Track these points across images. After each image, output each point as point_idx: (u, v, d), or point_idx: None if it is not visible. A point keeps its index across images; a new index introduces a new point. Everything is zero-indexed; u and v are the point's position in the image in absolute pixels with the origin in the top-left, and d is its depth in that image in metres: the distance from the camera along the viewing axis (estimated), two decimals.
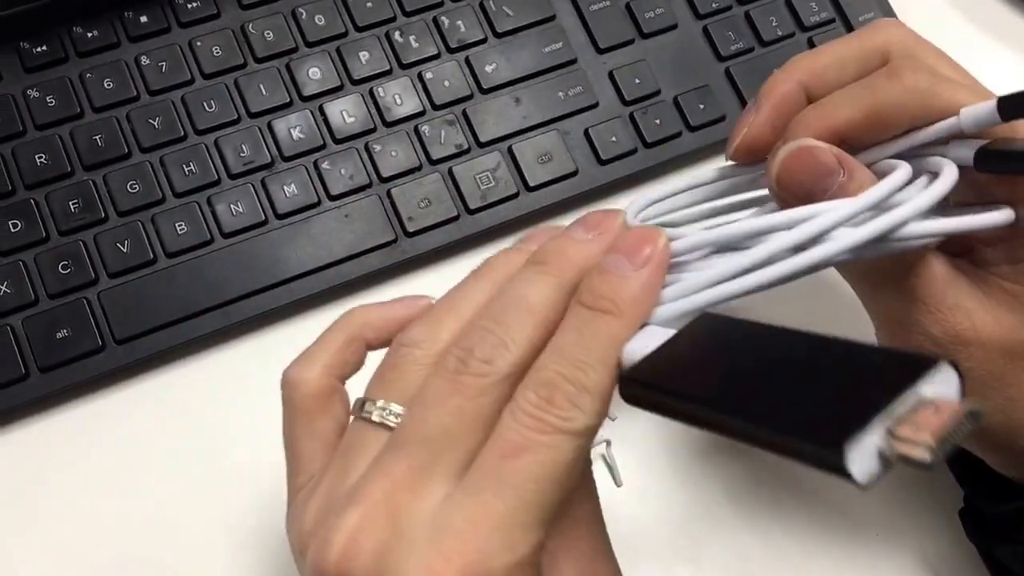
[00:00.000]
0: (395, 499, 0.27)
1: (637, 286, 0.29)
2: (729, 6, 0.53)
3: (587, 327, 0.29)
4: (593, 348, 0.28)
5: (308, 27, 0.49)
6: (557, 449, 0.27)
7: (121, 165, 0.46)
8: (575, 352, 0.28)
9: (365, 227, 0.47)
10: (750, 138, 0.37)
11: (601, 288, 0.29)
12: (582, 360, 0.28)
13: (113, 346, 0.44)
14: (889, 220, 0.29)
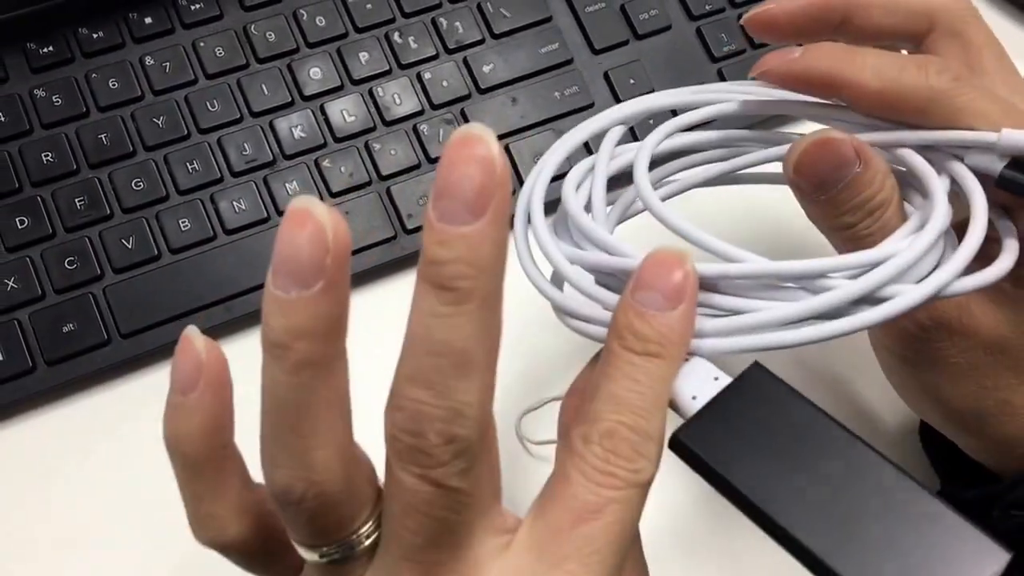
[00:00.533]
0: None
1: (679, 325, 0.28)
2: (722, 8, 0.54)
3: (640, 373, 0.27)
4: (648, 393, 0.27)
5: (309, 28, 0.50)
6: (630, 503, 0.26)
7: (126, 163, 0.47)
8: (633, 399, 0.27)
9: (365, 224, 0.47)
10: (771, 15, 0.37)
11: (645, 331, 0.28)
12: (641, 407, 0.27)
13: (119, 340, 0.45)
14: (940, 279, 0.29)
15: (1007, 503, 0.36)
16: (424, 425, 0.25)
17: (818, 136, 0.33)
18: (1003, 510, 0.37)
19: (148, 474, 0.44)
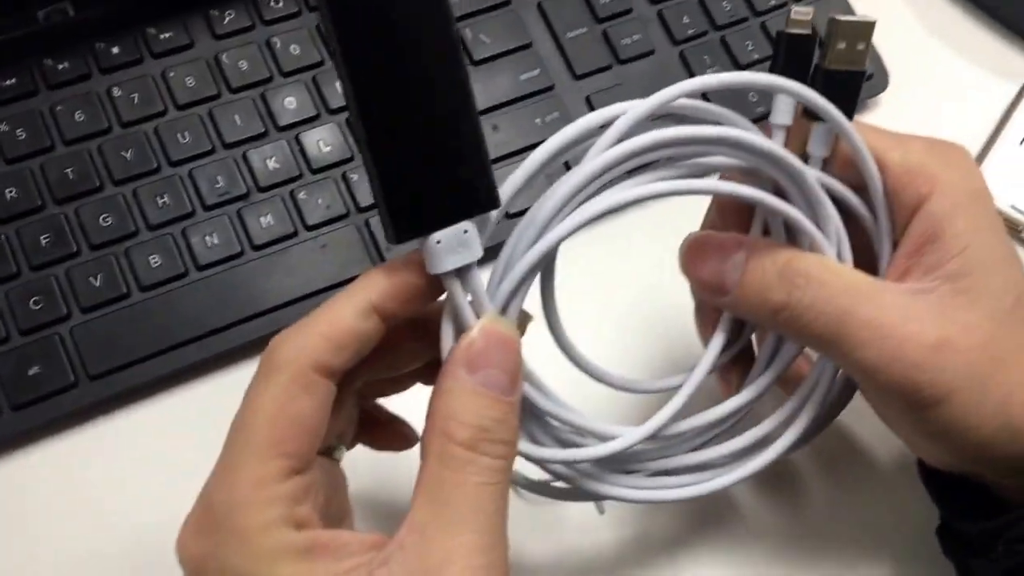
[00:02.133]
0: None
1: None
2: (705, 31, 0.53)
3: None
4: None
5: (283, 56, 0.49)
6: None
7: (93, 198, 0.46)
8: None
9: (343, 257, 0.46)
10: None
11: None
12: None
13: (87, 382, 0.44)
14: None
15: (1011, 538, 0.36)
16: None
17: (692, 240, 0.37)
18: (1008, 545, 0.36)
19: (120, 518, 0.43)
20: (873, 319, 0.34)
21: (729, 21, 0.53)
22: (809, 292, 0.34)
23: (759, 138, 0.33)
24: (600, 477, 0.37)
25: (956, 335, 0.33)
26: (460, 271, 0.31)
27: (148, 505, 0.43)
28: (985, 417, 0.34)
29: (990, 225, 0.35)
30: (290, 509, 0.30)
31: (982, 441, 0.35)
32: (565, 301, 0.36)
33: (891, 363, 0.33)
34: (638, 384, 0.38)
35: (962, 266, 0.34)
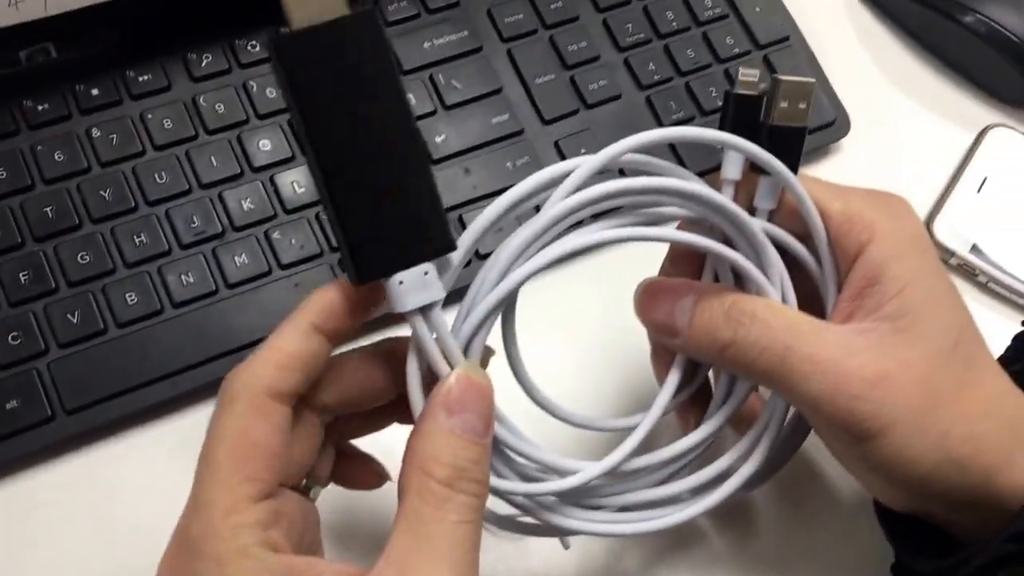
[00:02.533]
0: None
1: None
2: (670, 77, 0.55)
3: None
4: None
5: (259, 99, 0.50)
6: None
7: (72, 236, 0.47)
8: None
9: None
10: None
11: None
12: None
13: (63, 416, 0.44)
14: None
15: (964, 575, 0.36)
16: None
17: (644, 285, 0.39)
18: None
19: (95, 551, 0.44)
20: (815, 354, 0.35)
21: (693, 68, 0.55)
22: (754, 330, 0.36)
23: (705, 189, 0.34)
24: (563, 511, 0.38)
25: (895, 370, 0.35)
26: (424, 310, 0.32)
27: (123, 538, 0.44)
28: (925, 450, 0.35)
29: (928, 269, 0.37)
30: (263, 533, 0.31)
31: (924, 475, 0.36)
32: (531, 340, 0.37)
33: (833, 396, 0.35)
34: (597, 422, 0.40)
35: (899, 307, 0.36)
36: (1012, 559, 0.35)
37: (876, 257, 0.36)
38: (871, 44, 0.61)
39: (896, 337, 0.36)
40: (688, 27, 0.56)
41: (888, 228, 0.36)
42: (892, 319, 0.36)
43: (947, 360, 0.36)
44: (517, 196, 0.34)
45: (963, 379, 0.36)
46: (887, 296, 0.36)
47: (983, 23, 0.57)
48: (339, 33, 0.30)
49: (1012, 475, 0.36)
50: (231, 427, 0.32)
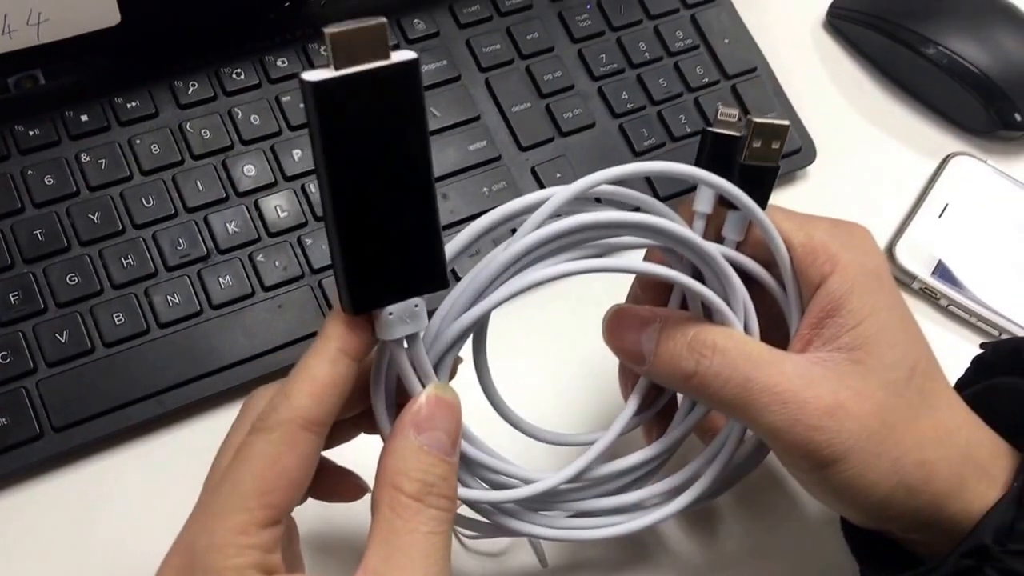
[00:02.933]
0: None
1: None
2: (643, 106, 0.56)
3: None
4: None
5: (244, 126, 0.52)
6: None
7: (61, 258, 0.48)
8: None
9: (297, 317, 0.49)
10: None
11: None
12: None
13: (51, 434, 0.45)
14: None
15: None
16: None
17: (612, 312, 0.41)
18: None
19: (81, 566, 0.44)
20: (775, 385, 0.37)
21: (665, 97, 0.57)
22: (715, 361, 0.37)
23: (669, 224, 0.36)
24: (527, 518, 0.40)
25: (849, 401, 0.37)
26: (407, 338, 0.34)
27: (110, 552, 0.45)
28: (880, 476, 0.37)
29: (886, 303, 0.38)
30: (264, 557, 0.32)
31: (880, 499, 0.37)
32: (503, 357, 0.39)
33: (792, 425, 0.36)
34: (562, 438, 0.42)
35: (855, 339, 0.37)
36: (968, 573, 0.37)
37: (836, 289, 0.38)
38: (837, 74, 0.63)
39: (852, 368, 0.37)
40: (660, 57, 0.58)
41: (849, 260, 0.38)
42: (848, 350, 0.37)
43: (901, 391, 0.37)
44: (490, 223, 0.36)
45: (917, 409, 0.38)
46: (845, 328, 0.37)
47: (945, 55, 0.59)
48: (378, 81, 0.30)
49: (963, 500, 0.37)
50: (263, 453, 0.33)
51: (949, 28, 0.60)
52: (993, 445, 0.39)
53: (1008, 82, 0.59)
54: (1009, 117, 0.59)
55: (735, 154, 0.37)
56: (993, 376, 0.43)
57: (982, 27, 0.60)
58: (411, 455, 0.33)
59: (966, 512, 0.37)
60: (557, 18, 0.58)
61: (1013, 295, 0.55)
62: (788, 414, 0.36)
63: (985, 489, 0.38)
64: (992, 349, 0.44)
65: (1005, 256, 0.56)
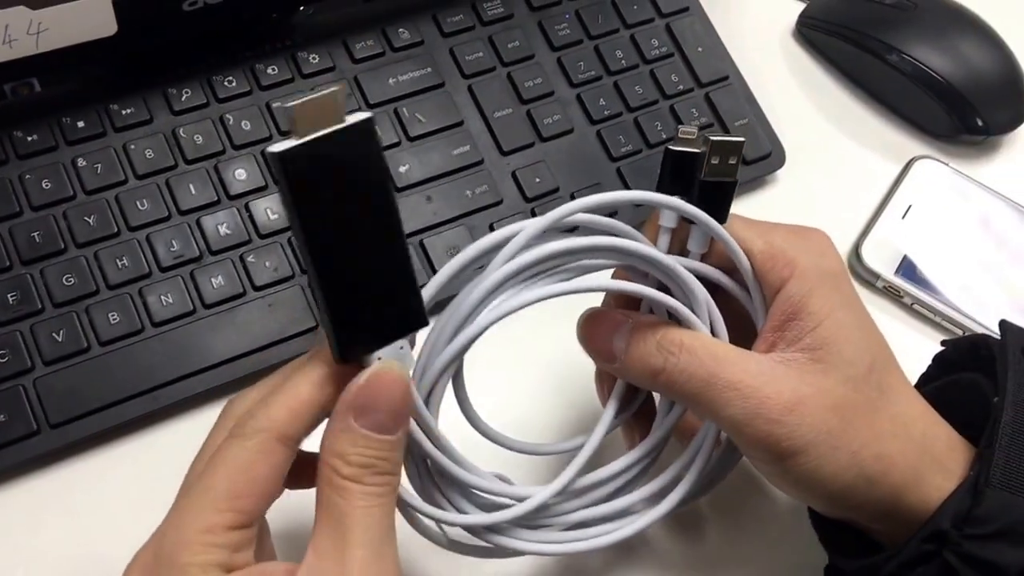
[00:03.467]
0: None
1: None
2: (620, 112, 0.58)
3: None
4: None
5: (235, 131, 0.54)
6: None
7: (57, 260, 0.49)
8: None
9: (287, 315, 0.50)
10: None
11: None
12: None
13: (48, 430, 0.47)
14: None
15: (884, 573, 0.40)
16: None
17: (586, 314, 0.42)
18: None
19: (78, 558, 0.46)
20: (737, 381, 0.39)
21: (642, 104, 0.59)
22: (683, 358, 0.39)
23: (630, 243, 0.38)
24: (522, 536, 0.41)
25: (810, 397, 0.39)
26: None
27: (104, 544, 0.45)
28: (839, 468, 0.39)
29: (843, 302, 0.40)
30: (230, 556, 0.33)
31: (840, 489, 0.39)
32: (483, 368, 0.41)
33: (753, 419, 0.38)
34: (544, 448, 0.44)
35: (815, 340, 0.39)
36: (928, 557, 0.39)
37: (795, 292, 0.40)
38: (807, 82, 0.65)
39: (812, 366, 0.39)
40: (636, 65, 0.60)
41: (807, 265, 0.40)
42: (809, 350, 0.39)
43: (859, 386, 0.39)
44: (465, 260, 0.37)
45: (875, 403, 0.40)
46: (805, 330, 0.39)
47: (910, 63, 0.62)
48: (338, 141, 0.31)
49: (920, 491, 0.39)
50: (237, 458, 0.34)
51: (914, 37, 0.62)
52: (949, 439, 0.41)
53: (970, 88, 0.61)
54: (971, 122, 0.62)
55: (696, 170, 0.39)
56: (953, 372, 0.45)
57: (945, 36, 0.62)
58: (347, 438, 0.34)
59: (924, 503, 0.39)
60: (537, 27, 0.60)
61: (974, 294, 0.57)
62: (749, 408, 0.38)
63: (942, 481, 0.39)
64: (952, 346, 0.46)
65: (966, 255, 0.58)
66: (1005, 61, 0.63)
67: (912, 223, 0.59)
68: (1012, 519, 0.38)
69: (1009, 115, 0.63)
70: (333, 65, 0.56)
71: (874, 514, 0.41)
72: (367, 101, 0.56)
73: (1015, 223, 0.60)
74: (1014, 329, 0.44)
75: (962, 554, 0.38)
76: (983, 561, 0.38)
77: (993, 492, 0.38)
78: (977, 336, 0.45)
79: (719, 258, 0.41)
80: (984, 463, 0.39)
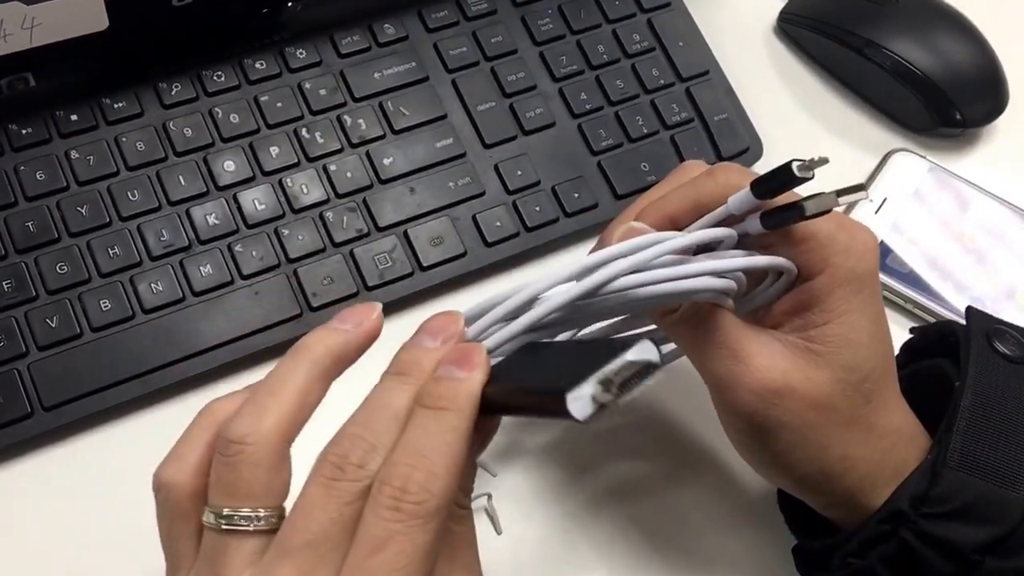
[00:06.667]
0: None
1: (468, 386, 0.33)
2: (601, 107, 0.60)
3: (431, 423, 0.32)
4: (436, 439, 0.31)
5: (224, 124, 0.55)
6: (415, 533, 0.30)
7: (51, 249, 0.51)
8: (422, 445, 0.31)
9: (274, 303, 0.52)
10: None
11: (439, 390, 0.33)
12: (429, 449, 0.31)
13: (41, 413, 0.48)
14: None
15: (844, 552, 0.41)
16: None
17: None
18: (841, 559, 0.42)
19: (69, 540, 0.47)
20: (734, 339, 0.40)
21: (622, 98, 0.60)
22: (694, 306, 0.40)
23: (695, 267, 0.37)
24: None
25: (798, 385, 0.40)
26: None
27: (98, 523, 0.47)
28: (803, 459, 0.40)
29: (860, 306, 0.40)
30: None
31: (800, 477, 0.41)
32: None
33: (737, 385, 0.40)
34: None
35: (819, 335, 0.40)
36: (887, 536, 0.40)
37: (819, 287, 0.40)
38: (786, 76, 0.66)
39: (808, 356, 0.40)
40: (618, 59, 0.61)
41: (840, 263, 0.40)
42: (810, 341, 0.40)
43: (848, 392, 0.40)
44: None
45: (858, 411, 0.40)
46: (813, 323, 0.40)
47: (888, 57, 0.63)
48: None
49: (873, 496, 0.41)
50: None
51: (892, 32, 0.63)
52: (917, 442, 0.42)
53: (948, 82, 0.62)
54: (949, 115, 0.63)
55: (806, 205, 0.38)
56: (922, 360, 0.46)
57: (924, 31, 0.63)
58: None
59: (873, 507, 0.41)
60: (520, 22, 0.61)
61: (948, 284, 0.58)
62: (736, 372, 0.40)
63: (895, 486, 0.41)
64: (921, 333, 0.47)
65: (941, 247, 0.59)
66: (983, 54, 0.64)
67: (886, 215, 0.60)
68: (968, 498, 0.39)
69: (986, 108, 0.64)
70: (320, 60, 0.57)
71: (829, 504, 0.43)
72: (352, 95, 0.57)
73: (992, 215, 0.61)
74: (979, 315, 0.45)
75: (919, 532, 0.39)
76: (939, 539, 0.39)
77: (950, 473, 0.39)
78: (945, 323, 0.46)
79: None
80: (942, 446, 0.40)
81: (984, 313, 0.45)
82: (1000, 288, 0.58)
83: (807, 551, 0.45)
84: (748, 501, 0.51)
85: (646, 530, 0.50)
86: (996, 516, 0.39)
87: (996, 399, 0.41)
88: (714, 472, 0.52)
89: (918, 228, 0.60)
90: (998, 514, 0.39)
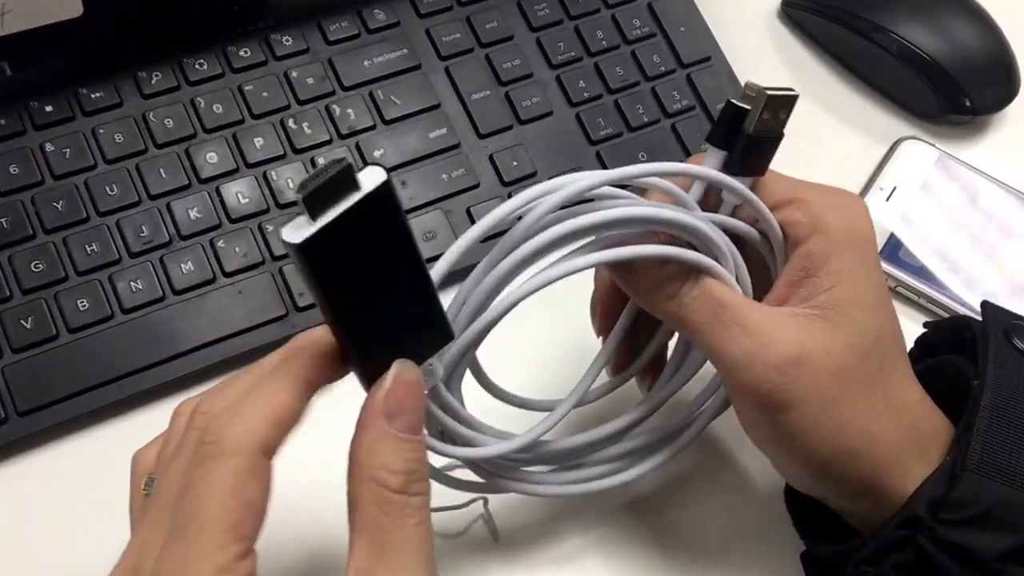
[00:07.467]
0: (138, 560, 0.32)
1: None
2: (600, 95, 0.58)
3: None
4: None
5: (206, 115, 0.53)
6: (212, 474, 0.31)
7: (25, 246, 0.49)
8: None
9: (258, 302, 0.50)
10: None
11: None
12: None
13: (16, 418, 0.46)
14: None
15: (858, 560, 0.40)
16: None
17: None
18: (855, 567, 0.40)
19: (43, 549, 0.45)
20: (744, 318, 0.39)
21: (622, 86, 0.58)
22: (697, 289, 0.39)
23: (667, 212, 0.38)
24: (522, 476, 0.42)
25: (814, 354, 0.38)
26: (430, 392, 0.37)
27: (72, 532, 0.46)
28: (825, 435, 0.39)
29: (866, 270, 0.40)
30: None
31: (823, 458, 0.39)
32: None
33: (754, 362, 0.38)
34: (542, 403, 0.44)
35: (829, 299, 0.39)
36: (903, 543, 0.38)
37: (817, 249, 0.39)
38: (792, 62, 0.64)
39: (822, 324, 0.39)
40: (617, 45, 0.59)
41: (832, 223, 0.40)
42: (821, 308, 0.39)
43: (864, 358, 0.39)
44: (482, 231, 0.36)
45: (874, 379, 0.39)
46: (820, 288, 0.39)
47: (896, 42, 0.61)
48: (356, 213, 0.30)
49: (899, 476, 0.39)
50: (222, 484, 0.31)
51: (900, 16, 0.61)
52: (938, 431, 0.41)
53: (957, 68, 0.60)
54: (958, 102, 0.61)
55: (745, 124, 0.38)
56: (935, 355, 0.45)
57: (932, 15, 0.61)
58: (389, 446, 0.33)
59: (900, 488, 0.39)
60: (516, 7, 0.59)
61: (960, 276, 0.56)
62: (751, 349, 0.38)
63: (921, 469, 0.39)
64: (935, 328, 0.46)
65: (952, 237, 0.57)
66: (993, 40, 0.62)
67: (897, 204, 0.58)
68: (987, 504, 0.38)
69: (997, 95, 0.62)
70: (307, 47, 0.55)
71: (850, 491, 0.40)
72: (341, 84, 0.55)
73: (1002, 204, 0.59)
74: (995, 310, 0.44)
75: (936, 539, 0.38)
76: (958, 546, 0.38)
77: (969, 477, 0.38)
78: (959, 318, 0.45)
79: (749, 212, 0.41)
80: (961, 448, 0.39)
81: (1000, 308, 0.44)
82: (1014, 281, 0.57)
83: (816, 557, 0.44)
84: (754, 505, 0.50)
85: (648, 536, 0.49)
86: (1018, 522, 0.38)
87: (1017, 398, 0.40)
88: (718, 477, 0.50)
89: (928, 218, 0.58)
90: (1020, 520, 0.38)
